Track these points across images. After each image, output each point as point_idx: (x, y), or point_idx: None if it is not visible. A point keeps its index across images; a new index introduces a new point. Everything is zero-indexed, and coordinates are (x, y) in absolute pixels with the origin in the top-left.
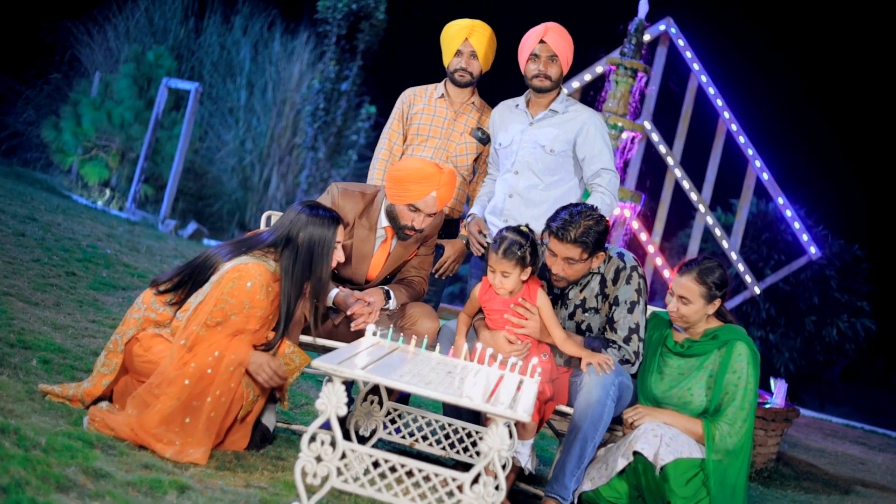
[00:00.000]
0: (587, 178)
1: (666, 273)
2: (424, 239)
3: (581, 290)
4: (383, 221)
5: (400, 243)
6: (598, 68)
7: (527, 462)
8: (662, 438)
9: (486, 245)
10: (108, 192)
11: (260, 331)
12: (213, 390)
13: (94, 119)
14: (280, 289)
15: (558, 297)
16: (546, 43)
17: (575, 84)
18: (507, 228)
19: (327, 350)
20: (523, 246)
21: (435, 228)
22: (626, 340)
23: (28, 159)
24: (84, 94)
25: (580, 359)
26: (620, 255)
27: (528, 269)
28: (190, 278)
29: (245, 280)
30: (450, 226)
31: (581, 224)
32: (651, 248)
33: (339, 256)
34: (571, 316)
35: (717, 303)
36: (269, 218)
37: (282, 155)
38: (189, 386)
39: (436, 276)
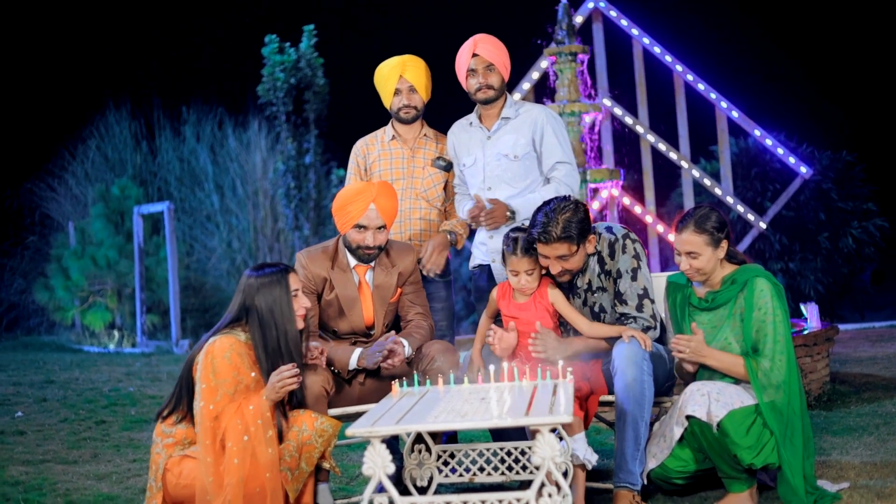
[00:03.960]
0: (545, 173)
1: (671, 237)
2: (406, 277)
3: (585, 275)
4: (351, 261)
5: (378, 272)
6: (543, 63)
7: (585, 454)
8: (710, 395)
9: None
10: (115, 333)
11: (258, 394)
12: (259, 455)
13: (81, 268)
14: (255, 357)
15: (568, 289)
16: (479, 55)
17: (526, 86)
18: (513, 230)
19: (361, 416)
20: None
21: (411, 264)
22: (639, 308)
23: (31, 326)
24: (64, 246)
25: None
26: (609, 230)
27: None
28: (182, 389)
29: (220, 354)
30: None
31: (559, 220)
32: (649, 218)
33: (304, 303)
34: (585, 302)
35: (725, 244)
36: None
37: (270, 244)
38: (239, 465)
39: (423, 271)
